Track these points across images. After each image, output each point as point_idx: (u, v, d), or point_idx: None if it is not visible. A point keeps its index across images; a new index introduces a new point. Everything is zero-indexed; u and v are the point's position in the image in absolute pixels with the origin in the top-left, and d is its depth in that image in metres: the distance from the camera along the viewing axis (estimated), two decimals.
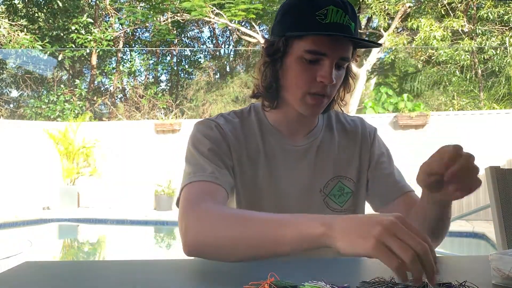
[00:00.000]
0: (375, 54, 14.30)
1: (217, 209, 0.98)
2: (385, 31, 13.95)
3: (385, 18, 13.51)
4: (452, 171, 0.94)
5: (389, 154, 1.32)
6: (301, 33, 1.09)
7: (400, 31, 15.02)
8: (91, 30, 15.45)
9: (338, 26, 1.07)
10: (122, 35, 17.33)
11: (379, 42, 14.11)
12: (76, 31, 15.13)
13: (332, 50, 1.08)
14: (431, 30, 12.61)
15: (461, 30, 12.99)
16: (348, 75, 1.23)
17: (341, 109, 1.31)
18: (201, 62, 18.56)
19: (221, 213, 0.96)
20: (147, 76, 18.90)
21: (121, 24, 17.18)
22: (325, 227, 0.79)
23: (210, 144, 1.14)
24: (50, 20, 16.07)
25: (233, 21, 14.02)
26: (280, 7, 1.17)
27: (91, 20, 15.64)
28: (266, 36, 1.31)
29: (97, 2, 17.00)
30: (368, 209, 1.26)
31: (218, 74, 18.25)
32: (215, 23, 14.97)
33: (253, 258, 0.90)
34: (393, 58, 14.57)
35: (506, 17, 12.38)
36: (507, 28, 12.80)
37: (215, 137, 1.16)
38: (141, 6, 16.93)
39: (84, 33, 15.23)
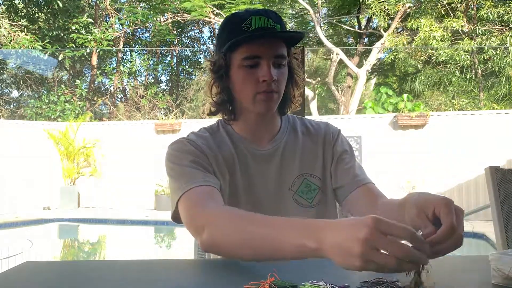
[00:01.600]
0: (375, 55, 14.32)
1: (224, 210, 1.06)
2: (385, 32, 13.96)
3: (385, 19, 13.53)
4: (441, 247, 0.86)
5: (352, 151, 1.40)
6: (232, 41, 1.20)
7: (400, 31, 15.04)
8: (92, 30, 15.46)
9: (263, 30, 1.21)
10: (122, 35, 17.34)
11: (379, 42, 14.19)
12: (76, 31, 15.13)
13: (265, 51, 1.20)
14: (431, 30, 12.62)
15: (461, 30, 13.00)
16: (293, 73, 1.33)
17: (295, 105, 1.38)
18: (201, 62, 18.57)
19: (230, 214, 1.03)
20: (147, 76, 18.92)
21: (122, 24, 17.20)
22: (317, 243, 0.82)
23: (190, 156, 1.23)
24: (51, 20, 16.07)
25: None
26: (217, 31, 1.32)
27: (91, 20, 15.64)
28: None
29: (97, 2, 17.01)
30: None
31: None
32: (215, 23, 14.98)
33: (256, 259, 0.95)
34: (393, 59, 14.57)
35: (506, 17, 12.38)
36: (507, 28, 12.79)
37: (192, 150, 1.25)
38: (141, 7, 16.95)
39: (84, 33, 15.23)
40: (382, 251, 0.73)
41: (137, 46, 18.44)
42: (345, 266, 0.77)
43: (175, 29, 17.49)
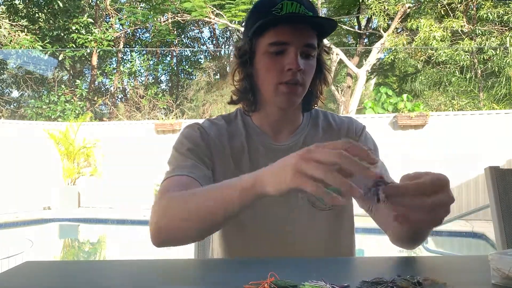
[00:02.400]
0: (375, 55, 14.31)
1: (173, 194, 1.03)
2: (384, 32, 13.95)
3: (384, 19, 13.52)
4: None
5: (377, 150, 1.31)
6: (259, 23, 1.13)
7: (400, 31, 15.04)
8: (92, 30, 15.46)
9: (294, 16, 1.13)
10: (122, 35, 17.33)
11: (379, 42, 14.18)
12: (76, 31, 15.13)
13: (294, 38, 1.12)
14: (431, 30, 12.61)
15: (461, 30, 12.99)
16: (322, 67, 1.26)
17: (321, 102, 1.32)
18: (201, 62, 18.57)
19: (173, 196, 1.02)
20: (148, 76, 18.91)
21: (122, 24, 17.19)
22: (254, 176, 0.85)
23: (189, 144, 1.20)
24: (51, 20, 16.06)
25: (233, 21, 14.04)
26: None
27: (91, 20, 15.64)
28: None
29: (98, 2, 17.00)
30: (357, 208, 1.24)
31: (218, 74, 18.25)
32: (215, 23, 14.98)
33: (209, 226, 0.96)
34: (392, 59, 14.57)
35: (505, 17, 12.37)
36: (506, 28, 12.80)
37: (195, 138, 1.21)
38: (141, 7, 16.95)
39: (84, 33, 15.23)
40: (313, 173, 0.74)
41: (137, 46, 18.43)
42: (278, 188, 0.80)
43: (175, 29, 17.48)
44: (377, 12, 13.18)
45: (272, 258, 1.12)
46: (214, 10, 13.47)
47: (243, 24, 1.13)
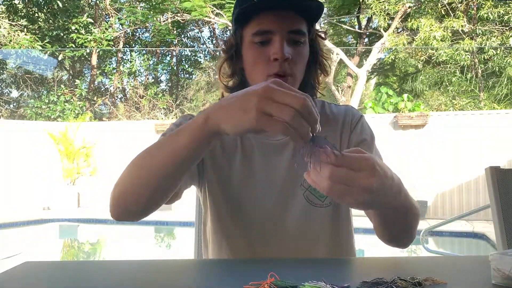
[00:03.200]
0: (375, 54, 14.30)
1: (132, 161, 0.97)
2: (385, 31, 13.95)
3: (385, 19, 13.51)
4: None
5: (372, 141, 1.24)
6: (237, 11, 1.08)
7: (400, 31, 15.02)
8: (91, 30, 15.46)
9: (273, 1, 1.05)
10: (122, 35, 17.33)
11: (379, 42, 14.17)
12: (76, 31, 15.13)
13: (277, 25, 1.05)
14: (431, 30, 12.61)
15: (461, 30, 12.99)
16: (317, 54, 1.18)
17: (320, 93, 1.25)
18: (201, 62, 18.56)
19: (131, 162, 0.96)
20: (147, 76, 18.90)
21: (121, 24, 17.18)
22: (206, 112, 0.80)
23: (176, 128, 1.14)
24: (50, 20, 16.06)
25: None
26: None
27: (91, 20, 15.64)
28: None
29: (97, 2, 17.00)
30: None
31: None
32: (215, 23, 14.97)
33: (163, 182, 0.90)
34: (393, 58, 14.56)
35: (506, 17, 12.37)
36: (507, 28, 12.79)
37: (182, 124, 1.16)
38: (141, 6, 16.94)
39: (84, 33, 15.23)
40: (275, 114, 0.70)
41: (137, 46, 18.43)
42: (238, 128, 0.75)
43: (175, 29, 17.47)
44: (377, 11, 13.18)
45: (272, 259, 1.11)
46: (214, 10, 13.46)
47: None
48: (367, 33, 16.48)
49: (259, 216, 1.18)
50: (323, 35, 1.19)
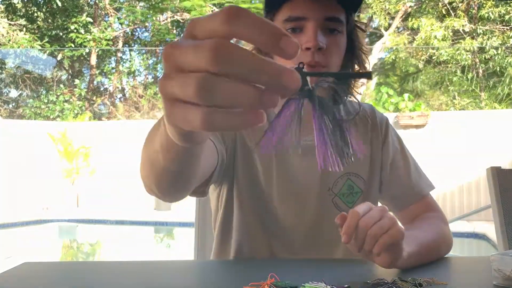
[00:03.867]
0: (376, 54, 14.30)
1: None
2: (385, 31, 13.94)
3: (385, 18, 13.52)
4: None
5: (402, 146, 1.21)
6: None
7: (401, 30, 15.02)
8: (91, 29, 15.46)
9: None
10: (121, 34, 17.32)
11: (380, 41, 14.17)
12: (75, 30, 15.13)
13: (311, 11, 0.97)
14: (432, 29, 12.62)
15: (462, 29, 12.99)
16: (355, 46, 1.08)
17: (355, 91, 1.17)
18: None
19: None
20: (147, 76, 18.89)
21: (121, 23, 17.19)
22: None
23: None
24: (49, 20, 16.06)
25: None
26: None
27: (90, 20, 15.63)
28: None
29: (97, 1, 16.98)
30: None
31: None
32: None
33: (159, 172, 0.73)
34: (393, 58, 14.57)
35: (507, 16, 12.38)
36: (508, 27, 12.79)
37: None
38: (140, 6, 16.93)
39: (83, 33, 15.23)
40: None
41: (136, 45, 18.43)
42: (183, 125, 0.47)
43: (174, 28, 17.47)
44: (378, 11, 13.18)
45: (272, 259, 1.12)
46: (214, 9, 13.45)
47: None
48: (368, 33, 16.47)
49: (285, 217, 1.14)
50: (363, 27, 1.10)
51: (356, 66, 1.10)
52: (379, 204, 1.23)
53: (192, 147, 0.63)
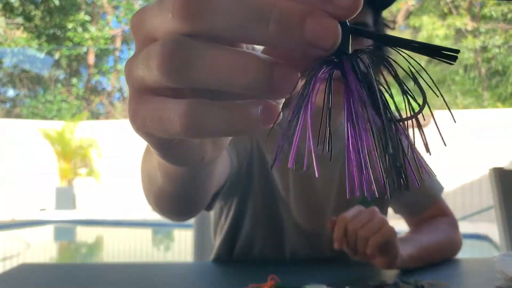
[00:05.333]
0: None
1: None
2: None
3: (387, 16, 13.52)
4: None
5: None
6: None
7: (403, 29, 15.05)
8: (88, 28, 15.51)
9: None
10: (120, 33, 17.35)
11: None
12: (73, 29, 15.20)
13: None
14: (434, 28, 12.67)
15: (464, 28, 13.02)
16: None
17: None
18: None
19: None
20: None
21: (119, 22, 17.20)
22: None
23: None
24: (47, 18, 16.12)
25: None
26: None
27: (88, 18, 15.68)
28: None
29: (94, 0, 17.06)
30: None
31: None
32: None
33: (157, 194, 0.62)
34: None
35: (509, 15, 12.42)
36: (510, 26, 12.80)
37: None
38: (139, 4, 16.96)
39: (81, 32, 15.29)
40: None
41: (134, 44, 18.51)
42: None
43: None
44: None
45: (272, 260, 1.13)
46: None
47: None
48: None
49: (301, 220, 1.11)
50: (391, 25, 1.06)
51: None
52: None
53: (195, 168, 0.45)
